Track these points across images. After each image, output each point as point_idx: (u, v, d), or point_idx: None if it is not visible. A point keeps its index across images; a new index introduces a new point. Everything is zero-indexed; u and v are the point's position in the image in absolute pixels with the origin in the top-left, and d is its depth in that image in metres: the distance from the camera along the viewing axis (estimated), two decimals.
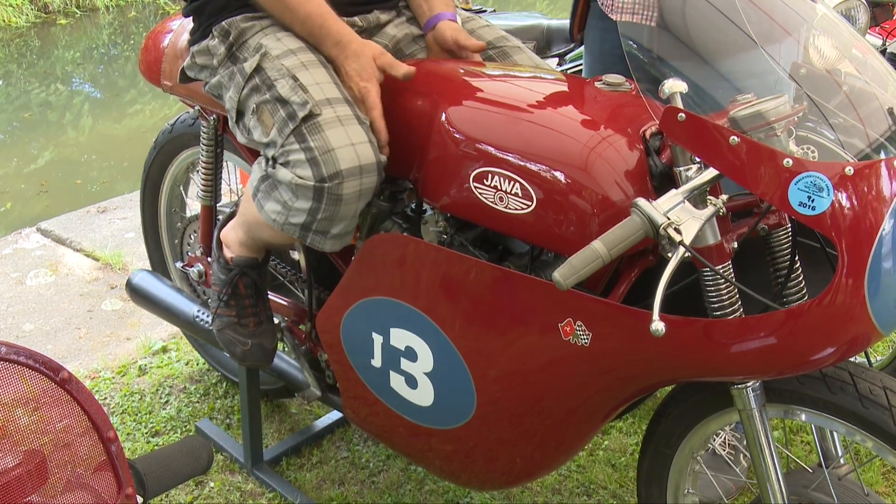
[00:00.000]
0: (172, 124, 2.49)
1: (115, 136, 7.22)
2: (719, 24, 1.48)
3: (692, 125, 1.30)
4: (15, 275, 3.43)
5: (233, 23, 1.81)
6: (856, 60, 1.47)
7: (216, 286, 2.03)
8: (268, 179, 1.73)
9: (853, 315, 1.27)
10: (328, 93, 1.67)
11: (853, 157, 1.32)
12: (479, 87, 1.68)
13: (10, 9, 9.14)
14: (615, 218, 1.35)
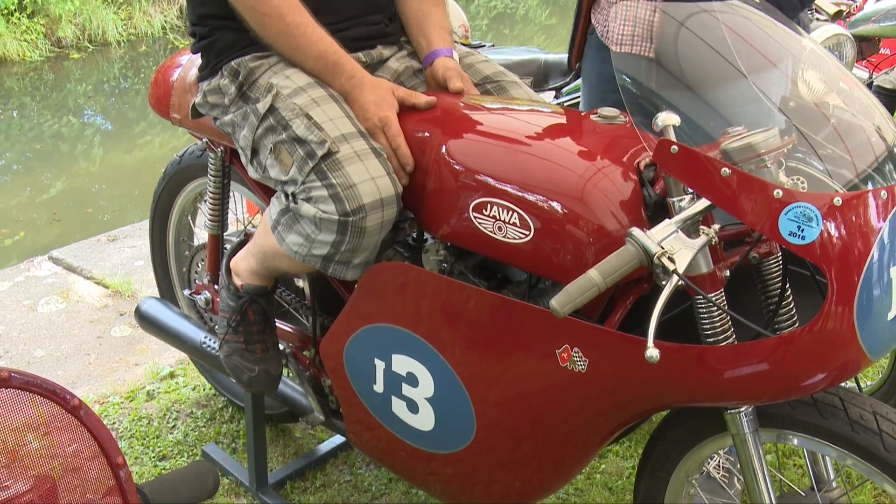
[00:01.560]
0: (181, 156, 2.50)
1: (125, 167, 7.25)
2: (711, 57, 1.49)
3: (685, 157, 1.30)
4: (27, 302, 3.43)
5: (242, 62, 1.82)
6: (843, 93, 1.48)
7: (225, 313, 2.03)
8: (288, 213, 1.74)
9: (843, 341, 1.27)
10: (342, 128, 1.69)
11: (842, 187, 1.33)
12: (477, 121, 1.69)
13: (25, 44, 9.20)
14: (610, 247, 1.35)
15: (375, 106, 1.73)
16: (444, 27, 1.93)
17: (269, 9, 1.73)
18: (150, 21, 10.23)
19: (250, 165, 1.84)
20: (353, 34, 1.86)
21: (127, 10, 10.12)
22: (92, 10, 9.74)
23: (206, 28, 1.89)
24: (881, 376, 2.48)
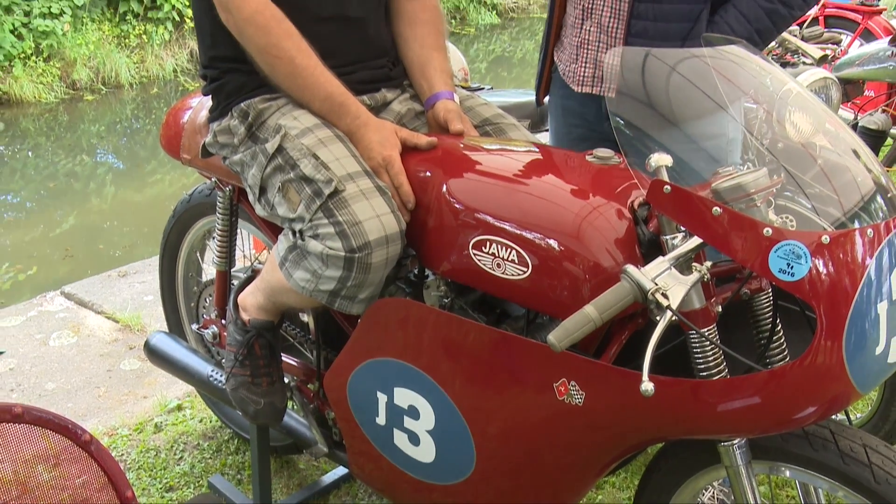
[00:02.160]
0: (190, 194, 2.51)
1: (136, 204, 7.26)
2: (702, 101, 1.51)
3: (677, 196, 1.31)
4: (39, 336, 3.43)
5: (251, 104, 1.84)
6: (829, 134, 1.49)
7: (232, 347, 2.03)
8: (295, 250, 1.75)
9: (832, 375, 1.26)
10: (348, 167, 1.70)
11: (829, 225, 1.33)
12: (477, 161, 1.70)
13: (42, 86, 9.26)
14: (606, 283, 1.36)
15: (379, 145, 1.74)
16: (445, 71, 1.95)
17: (279, 51, 1.75)
18: (161, 64, 10.30)
19: (258, 203, 1.84)
20: (358, 77, 1.87)
21: (139, 54, 10.19)
22: (106, 54, 9.81)
23: (217, 71, 1.91)
24: (871, 409, 2.47)
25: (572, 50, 2.16)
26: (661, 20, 2.01)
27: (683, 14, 2.00)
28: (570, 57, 2.18)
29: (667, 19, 2.01)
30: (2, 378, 3.12)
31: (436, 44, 1.97)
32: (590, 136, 2.19)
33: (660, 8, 2.00)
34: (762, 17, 1.98)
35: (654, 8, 2.00)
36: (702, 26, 2.01)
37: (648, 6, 2.00)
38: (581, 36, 2.13)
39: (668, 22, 2.01)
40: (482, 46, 13.15)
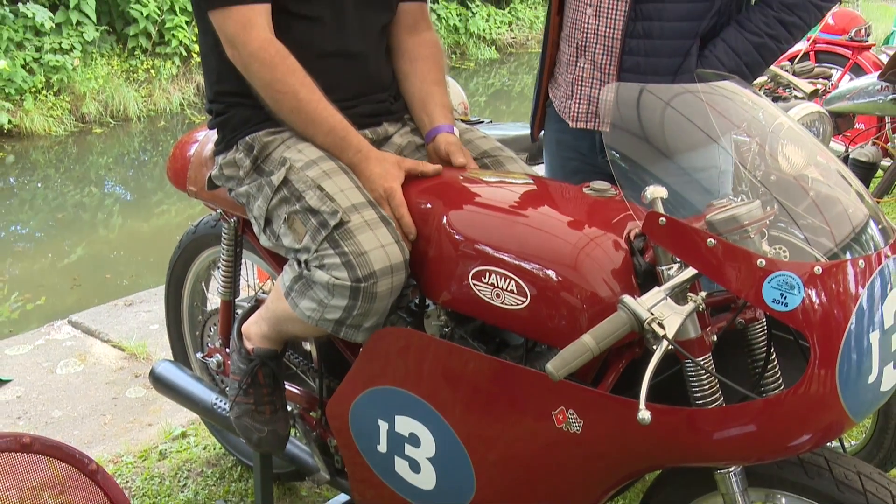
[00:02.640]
0: (196, 226, 2.52)
1: (143, 235, 7.27)
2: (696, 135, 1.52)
3: (672, 228, 1.31)
4: (46, 364, 3.42)
5: (256, 138, 1.85)
6: (820, 167, 1.50)
7: (236, 375, 2.02)
8: (301, 280, 1.75)
9: (826, 404, 1.26)
10: (353, 199, 1.70)
11: (822, 256, 1.33)
12: (476, 193, 1.71)
13: (52, 119, 9.30)
14: (603, 313, 1.36)
15: (380, 178, 1.75)
16: (445, 105, 1.96)
17: (284, 87, 1.76)
18: (168, 98, 10.35)
19: (263, 234, 1.85)
20: (360, 111, 1.89)
21: (147, 88, 10.25)
22: (115, 88, 9.86)
23: (223, 105, 1.92)
24: (865, 436, 2.46)
25: (567, 87, 2.18)
26: (652, 55, 2.03)
27: (674, 49, 2.02)
28: (565, 93, 2.19)
29: (658, 54, 2.03)
30: (9, 406, 3.11)
31: (436, 79, 1.99)
32: (584, 169, 2.20)
33: (651, 44, 2.01)
34: (751, 50, 1.99)
35: (646, 44, 2.02)
36: (692, 61, 2.02)
37: (640, 42, 2.02)
38: (575, 73, 2.14)
39: (658, 57, 2.03)
40: (481, 80, 13.23)
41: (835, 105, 4.31)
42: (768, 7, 1.98)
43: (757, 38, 1.98)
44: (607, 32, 2.05)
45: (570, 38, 2.14)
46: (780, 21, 1.97)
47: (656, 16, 1.99)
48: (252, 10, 1.75)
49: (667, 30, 2.00)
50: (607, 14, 2.03)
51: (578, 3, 2.09)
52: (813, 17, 1.98)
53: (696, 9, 1.99)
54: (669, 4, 1.97)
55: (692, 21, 2.00)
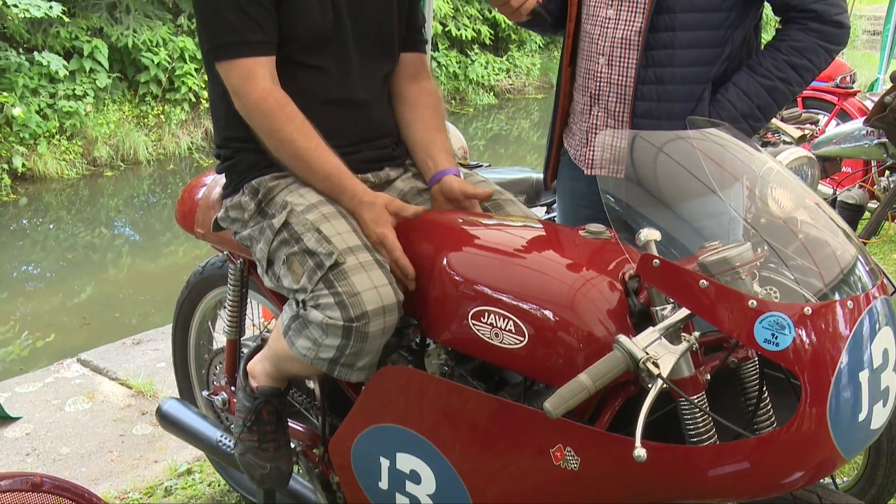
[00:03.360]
0: (203, 266, 2.52)
1: (151, 275, 7.27)
2: (688, 180, 1.52)
3: (666, 270, 1.32)
4: (55, 402, 3.40)
5: (262, 181, 1.86)
6: (809, 210, 1.50)
7: (240, 413, 2.02)
8: (298, 319, 1.75)
9: (818, 442, 1.26)
10: (349, 241, 1.71)
11: (812, 296, 1.33)
12: (476, 235, 1.71)
13: (64, 163, 9.34)
14: (599, 352, 1.35)
15: (373, 223, 1.76)
16: (447, 150, 1.98)
17: (282, 135, 1.78)
18: (177, 142, 10.41)
19: (266, 275, 1.85)
20: (363, 157, 1.90)
21: (157, 133, 10.31)
22: (125, 133, 9.93)
23: (230, 150, 1.93)
24: (856, 473, 2.44)
25: (582, 135, 2.18)
26: (664, 100, 2.03)
27: (686, 94, 2.02)
28: (580, 142, 2.20)
29: (670, 99, 2.03)
30: (19, 442, 3.09)
31: (437, 125, 2.01)
32: (597, 217, 2.19)
33: (663, 89, 2.02)
34: (762, 93, 1.98)
35: (658, 89, 2.02)
36: (704, 105, 2.02)
37: (652, 88, 2.02)
38: (590, 121, 2.15)
39: (671, 102, 2.03)
40: (480, 125, 13.32)
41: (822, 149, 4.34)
42: (778, 51, 1.98)
43: (768, 81, 1.98)
44: (620, 80, 2.06)
45: (584, 87, 2.15)
46: (790, 64, 1.96)
47: (667, 62, 2.00)
48: (255, 62, 1.77)
49: (678, 75, 2.01)
50: (619, 63, 2.05)
51: (591, 53, 2.10)
52: (822, 60, 1.97)
53: (706, 55, 2.00)
54: (680, 51, 1.99)
55: (702, 66, 2.01)
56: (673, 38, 1.98)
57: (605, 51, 2.06)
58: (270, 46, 1.80)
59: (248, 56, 1.77)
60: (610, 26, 2.04)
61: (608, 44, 2.05)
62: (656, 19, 1.97)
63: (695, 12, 1.96)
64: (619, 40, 2.03)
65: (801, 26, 1.95)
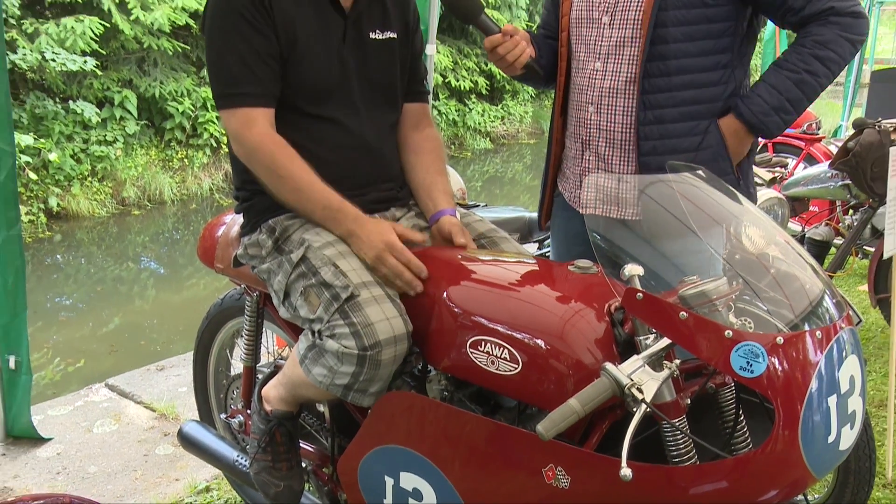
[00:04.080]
0: (222, 299, 2.52)
1: (174, 306, 7.27)
2: (669, 219, 1.53)
3: (648, 302, 1.32)
4: (84, 424, 3.38)
5: (277, 221, 1.86)
6: (780, 246, 1.50)
7: (255, 435, 2.00)
8: (314, 348, 1.74)
9: (790, 462, 1.25)
10: (363, 277, 1.71)
11: (784, 326, 1.33)
12: (473, 271, 1.71)
13: (95, 202, 9.38)
14: (587, 379, 1.35)
15: (378, 234, 1.75)
16: (446, 192, 1.98)
17: (283, 171, 1.77)
18: (199, 184, 10.46)
19: (282, 306, 1.85)
20: (371, 198, 1.91)
21: (181, 175, 10.36)
22: (152, 175, 9.98)
23: (248, 192, 1.94)
24: (826, 490, 2.42)
25: (575, 178, 2.17)
26: (667, 138, 1.99)
27: (689, 129, 1.98)
28: (574, 185, 2.18)
29: (672, 136, 1.98)
30: (50, 462, 3.06)
31: (438, 169, 2.01)
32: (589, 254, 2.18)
33: (664, 128, 1.98)
34: (791, 87, 1.91)
35: (659, 128, 1.98)
36: (712, 137, 1.98)
37: (653, 128, 1.98)
38: (582, 165, 2.14)
39: (675, 138, 1.98)
40: (477, 168, 13.37)
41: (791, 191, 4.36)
42: (803, 47, 1.90)
43: (796, 74, 1.90)
44: (609, 127, 2.04)
45: (575, 135, 2.14)
46: (815, 57, 1.88)
47: (665, 103, 1.97)
48: (254, 111, 1.78)
49: (677, 114, 1.97)
50: (608, 111, 2.03)
51: (581, 103, 2.10)
52: (847, 51, 1.89)
53: (706, 94, 1.96)
54: (677, 93, 1.95)
55: (704, 104, 1.97)
56: (669, 82, 1.95)
57: (594, 100, 2.06)
58: (270, 99, 1.81)
59: (247, 106, 1.78)
60: (598, 77, 2.04)
61: (597, 94, 2.05)
62: (649, 66, 1.94)
63: (687, 58, 1.94)
64: (608, 90, 2.03)
65: (822, 22, 1.88)
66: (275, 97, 1.81)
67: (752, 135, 1.99)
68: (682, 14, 1.91)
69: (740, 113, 1.95)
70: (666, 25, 1.92)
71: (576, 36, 2.09)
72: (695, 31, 1.92)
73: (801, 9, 1.88)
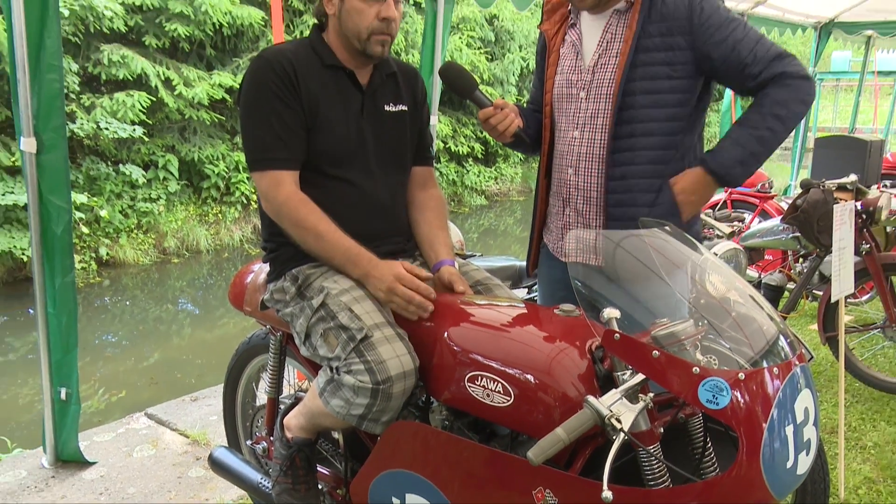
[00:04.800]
0: (249, 338, 2.50)
1: (207, 343, 7.23)
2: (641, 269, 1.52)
3: (625, 342, 1.31)
4: (125, 449, 3.33)
5: (300, 270, 1.86)
6: (739, 291, 1.50)
7: (277, 460, 1.97)
8: (333, 383, 1.73)
9: (753, 485, 1.23)
10: (376, 319, 1.70)
11: (745, 363, 1.32)
12: (471, 314, 1.70)
13: (140, 252, 9.40)
14: (572, 410, 1.34)
15: (389, 268, 1.75)
16: (447, 245, 1.99)
17: (307, 223, 1.78)
18: (231, 236, 10.49)
19: (303, 346, 1.84)
20: (383, 250, 1.90)
21: (216, 228, 10.40)
22: (190, 228, 10.01)
23: (275, 244, 1.94)
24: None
25: (558, 231, 2.18)
26: (629, 192, 2.01)
27: (648, 187, 2.00)
28: (556, 237, 2.19)
29: (634, 191, 2.00)
30: (94, 483, 3.01)
31: (440, 224, 2.02)
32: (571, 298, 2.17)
33: (627, 183, 2.00)
34: (752, 142, 1.90)
35: (623, 184, 2.00)
36: (665, 195, 2.00)
37: (619, 183, 2.00)
38: (564, 220, 2.15)
39: (635, 193, 2.00)
40: (474, 222, 13.42)
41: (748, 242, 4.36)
42: (762, 107, 1.90)
43: (757, 131, 1.90)
44: (586, 186, 2.06)
45: (558, 194, 2.16)
46: (773, 115, 1.88)
47: (629, 162, 1.99)
48: (282, 173, 1.80)
49: (639, 172, 1.99)
50: (585, 172, 2.05)
51: (562, 167, 2.11)
52: (801, 110, 1.88)
53: (662, 156, 1.99)
54: (640, 152, 1.98)
55: (659, 165, 1.99)
56: (634, 143, 1.98)
57: (573, 163, 2.07)
58: (296, 163, 1.82)
59: (276, 168, 1.79)
60: (576, 144, 2.06)
61: (575, 158, 2.07)
62: (618, 130, 1.97)
63: (651, 122, 1.96)
64: (585, 155, 2.05)
65: (777, 85, 1.88)
66: (300, 161, 1.83)
67: (718, 184, 2.00)
68: (647, 84, 1.93)
69: (708, 165, 1.96)
70: (634, 94, 1.94)
71: (557, 109, 2.12)
72: (658, 99, 1.95)
73: (758, 75, 1.89)
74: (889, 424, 3.44)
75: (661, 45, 1.91)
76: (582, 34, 2.05)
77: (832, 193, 3.66)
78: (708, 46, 1.89)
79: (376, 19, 1.79)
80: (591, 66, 2.01)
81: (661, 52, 1.91)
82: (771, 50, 1.88)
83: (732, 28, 1.89)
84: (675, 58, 1.91)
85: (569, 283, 2.21)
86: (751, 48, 1.88)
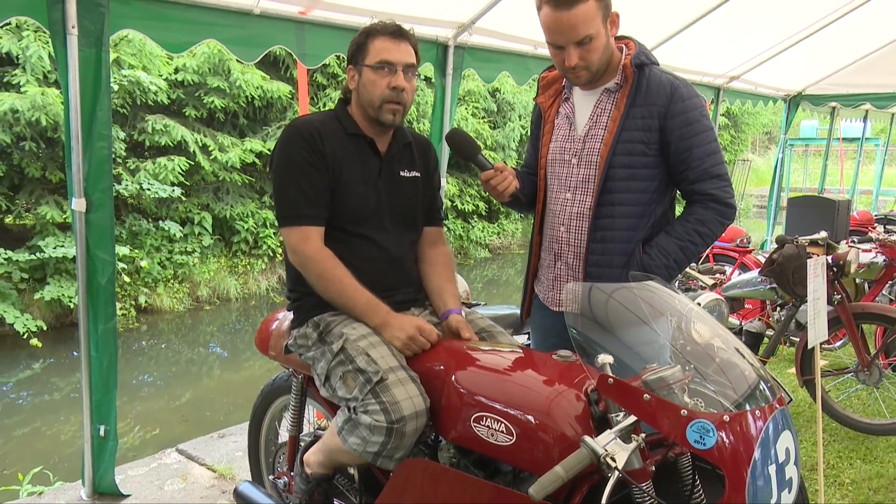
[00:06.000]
0: (273, 380, 2.49)
1: (234, 383, 7.18)
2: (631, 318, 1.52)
3: (618, 386, 1.30)
4: (157, 482, 3.28)
5: (322, 318, 1.87)
6: (721, 338, 1.49)
7: (297, 493, 1.94)
8: (350, 422, 1.72)
9: None
10: (390, 363, 1.70)
11: (730, 406, 1.31)
12: (476, 359, 1.69)
13: (175, 300, 9.41)
14: (570, 449, 1.32)
15: (407, 321, 1.78)
16: (454, 295, 1.99)
17: (331, 276, 1.80)
18: (258, 285, 10.51)
19: (323, 387, 1.83)
20: (395, 300, 1.91)
21: (244, 278, 10.43)
22: (221, 278, 10.05)
23: (298, 294, 1.95)
24: None
25: (549, 283, 2.18)
26: (607, 254, 2.03)
27: (622, 250, 2.02)
28: (547, 288, 2.19)
29: (611, 254, 2.03)
30: None
31: (448, 278, 2.03)
32: (560, 344, 2.16)
33: (606, 247, 2.03)
34: (677, 250, 1.97)
35: (603, 247, 2.03)
36: (635, 257, 2.02)
37: (599, 245, 2.03)
38: (555, 272, 2.15)
39: (612, 255, 2.03)
40: (478, 273, 13.42)
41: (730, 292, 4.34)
42: (687, 221, 1.98)
43: (680, 241, 1.97)
44: (575, 243, 2.07)
45: (549, 248, 2.17)
46: (695, 231, 1.96)
47: (609, 227, 2.01)
48: (309, 229, 1.82)
49: (617, 237, 2.01)
50: (575, 230, 2.06)
51: (554, 224, 2.13)
52: (719, 230, 1.97)
53: (636, 223, 2.01)
54: (618, 220, 2.00)
55: (634, 231, 2.01)
56: (613, 211, 2.01)
57: (565, 222, 2.09)
58: (322, 219, 1.84)
59: (304, 224, 1.81)
60: (567, 204, 2.08)
61: (566, 217, 2.09)
62: (601, 198, 2.00)
63: (627, 193, 2.00)
64: (575, 214, 2.07)
65: (704, 205, 1.97)
66: (325, 218, 1.85)
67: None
68: (626, 159, 1.97)
69: (642, 264, 2.00)
70: (615, 167, 1.98)
71: (551, 173, 2.14)
72: (635, 173, 1.99)
73: (693, 181, 1.97)
74: (865, 462, 3.36)
75: (641, 126, 1.96)
76: (575, 107, 2.09)
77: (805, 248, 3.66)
78: (671, 134, 1.94)
79: (387, 88, 1.83)
80: (582, 135, 2.05)
81: (640, 132, 1.96)
82: (715, 168, 1.96)
83: (699, 131, 1.95)
84: (650, 137, 1.96)
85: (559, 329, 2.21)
86: (701, 157, 1.95)
